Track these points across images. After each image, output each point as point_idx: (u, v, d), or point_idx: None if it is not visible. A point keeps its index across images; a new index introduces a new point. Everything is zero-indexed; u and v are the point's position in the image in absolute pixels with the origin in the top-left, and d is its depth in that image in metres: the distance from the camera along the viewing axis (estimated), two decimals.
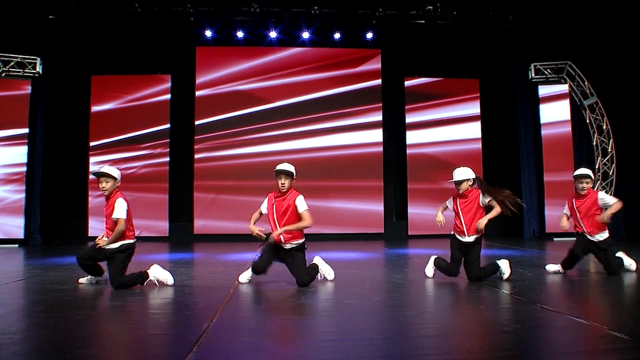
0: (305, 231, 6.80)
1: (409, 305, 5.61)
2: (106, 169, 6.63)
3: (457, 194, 7.11)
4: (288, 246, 6.64)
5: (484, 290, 6.18)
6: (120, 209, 6.40)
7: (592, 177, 7.58)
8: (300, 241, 6.72)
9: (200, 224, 16.05)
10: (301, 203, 6.64)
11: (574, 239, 7.75)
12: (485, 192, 6.85)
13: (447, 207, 7.32)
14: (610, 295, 6.12)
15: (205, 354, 3.59)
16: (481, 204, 6.87)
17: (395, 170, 17.06)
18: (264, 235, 6.53)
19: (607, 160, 15.67)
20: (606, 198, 7.53)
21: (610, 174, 15.61)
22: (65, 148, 15.69)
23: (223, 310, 5.05)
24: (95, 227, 15.13)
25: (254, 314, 5.14)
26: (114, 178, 6.57)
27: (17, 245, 13.94)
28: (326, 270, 7.08)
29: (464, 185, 6.92)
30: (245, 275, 6.83)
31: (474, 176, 6.96)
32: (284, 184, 6.67)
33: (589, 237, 7.54)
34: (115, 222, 6.38)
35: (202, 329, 4.20)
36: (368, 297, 5.91)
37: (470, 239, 6.89)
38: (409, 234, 16.43)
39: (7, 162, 14.45)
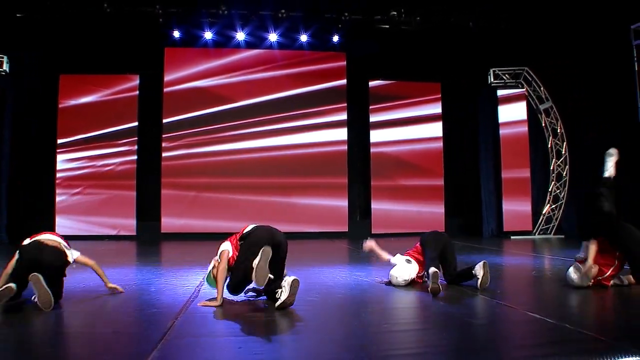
0: None
1: (370, 302, 5.67)
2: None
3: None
4: None
5: (443, 287, 6.23)
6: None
7: None
8: None
9: (180, 223, 15.80)
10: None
11: (530, 237, 7.78)
12: None
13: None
14: (561, 290, 6.21)
15: (169, 351, 3.58)
16: None
17: (360, 169, 17.10)
18: None
19: (561, 162, 15.96)
20: None
21: (564, 175, 15.89)
22: (33, 146, 15.35)
23: (188, 309, 5.03)
24: (62, 224, 14.86)
25: (218, 313, 5.11)
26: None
27: None
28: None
29: None
30: None
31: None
32: None
33: None
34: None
35: (166, 327, 4.17)
36: (331, 294, 5.95)
37: None
38: (373, 232, 16.48)
39: None
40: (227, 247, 5.47)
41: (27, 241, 5.44)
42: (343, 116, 16.86)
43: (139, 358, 3.36)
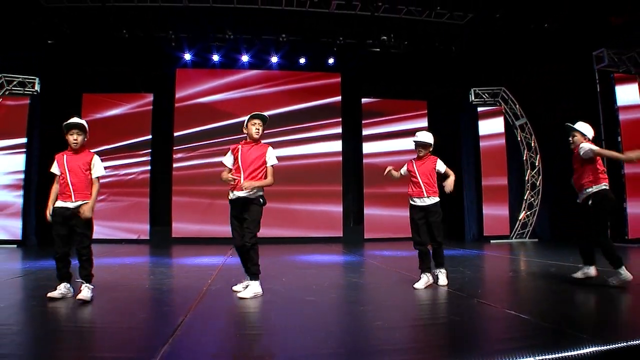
0: (271, 234, 6.65)
1: (363, 301, 5.66)
2: (77, 119, 5.72)
3: (414, 159, 6.69)
4: (247, 195, 5.73)
5: (429, 287, 6.24)
6: (101, 167, 5.79)
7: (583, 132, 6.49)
8: (260, 193, 5.85)
9: (188, 228, 15.84)
10: (272, 156, 5.87)
11: (508, 240, 7.77)
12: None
13: (401, 174, 6.76)
14: (535, 289, 6.23)
15: (180, 345, 3.59)
16: (437, 170, 6.53)
17: (353, 178, 17.12)
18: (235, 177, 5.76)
19: (535, 173, 16.03)
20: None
21: (538, 184, 15.97)
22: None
23: (197, 306, 5.03)
24: None
25: (224, 310, 5.11)
26: (86, 131, 5.73)
27: (15, 246, 13.70)
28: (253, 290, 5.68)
29: (427, 150, 6.57)
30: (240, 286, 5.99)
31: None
32: (259, 130, 5.89)
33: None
34: (88, 178, 5.68)
35: (177, 323, 4.18)
36: (326, 294, 5.93)
37: (430, 201, 6.40)
38: (365, 237, 16.48)
39: (7, 170, 14.29)
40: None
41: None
42: (338, 130, 16.91)
43: (152, 351, 3.36)
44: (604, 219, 5.91)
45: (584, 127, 6.52)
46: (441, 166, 6.54)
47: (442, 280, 6.39)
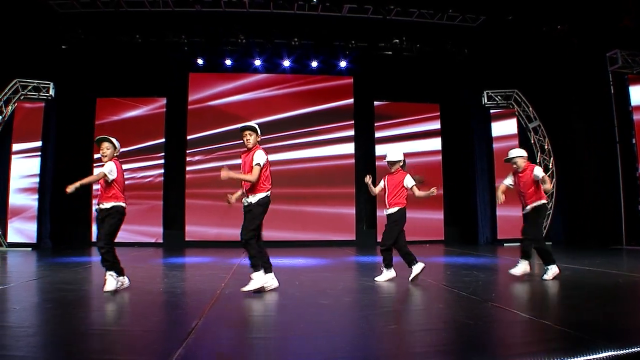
0: (284, 237, 6.74)
1: (376, 305, 5.64)
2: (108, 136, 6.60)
3: (387, 174, 7.51)
4: (250, 199, 6.39)
5: (442, 290, 6.23)
6: (107, 168, 6.29)
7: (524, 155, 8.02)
8: (262, 195, 6.39)
9: (201, 231, 15.93)
10: (257, 157, 6.36)
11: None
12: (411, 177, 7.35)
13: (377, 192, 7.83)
14: (549, 292, 6.19)
15: (194, 348, 3.60)
16: (405, 185, 7.29)
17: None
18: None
19: (549, 176, 15.89)
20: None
21: (551, 187, 15.84)
22: (73, 161, 15.43)
23: (210, 310, 5.04)
24: None
25: (238, 313, 5.12)
26: (114, 146, 6.57)
27: (30, 249, 13.78)
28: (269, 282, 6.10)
29: (396, 166, 7.35)
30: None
31: (403, 159, 7.39)
32: (249, 139, 6.52)
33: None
34: (109, 184, 6.27)
35: (191, 326, 4.18)
36: (340, 298, 5.92)
37: (391, 210, 7.48)
38: (379, 240, 16.37)
39: (23, 173, 14.35)
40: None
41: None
42: (351, 132, 16.89)
43: (166, 355, 3.37)
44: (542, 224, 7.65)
45: (523, 152, 8.16)
46: (408, 182, 7.30)
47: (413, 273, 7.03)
